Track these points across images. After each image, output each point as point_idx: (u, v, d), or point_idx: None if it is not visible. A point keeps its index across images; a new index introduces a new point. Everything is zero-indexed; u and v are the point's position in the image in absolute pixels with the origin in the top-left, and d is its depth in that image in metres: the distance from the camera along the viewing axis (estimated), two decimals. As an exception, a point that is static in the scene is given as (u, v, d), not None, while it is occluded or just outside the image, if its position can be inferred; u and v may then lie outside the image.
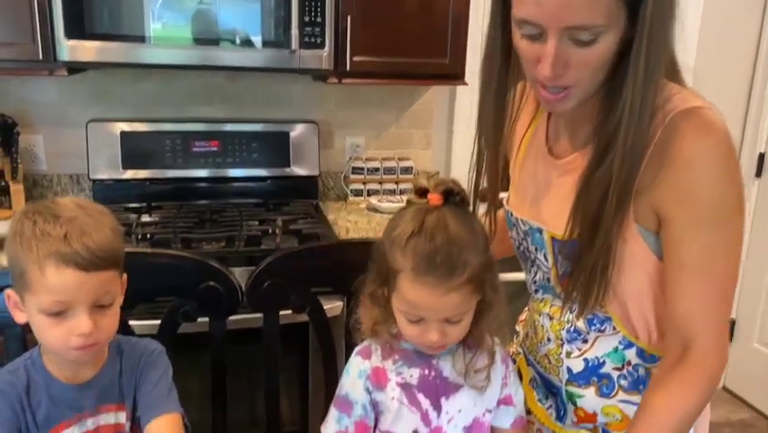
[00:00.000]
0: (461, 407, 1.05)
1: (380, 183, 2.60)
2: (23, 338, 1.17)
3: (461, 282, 0.94)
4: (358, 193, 2.59)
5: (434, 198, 0.97)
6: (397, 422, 1.04)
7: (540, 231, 1.07)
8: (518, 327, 1.28)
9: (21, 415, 0.98)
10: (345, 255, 1.36)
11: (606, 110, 0.92)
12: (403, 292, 0.96)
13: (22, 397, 0.99)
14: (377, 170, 2.59)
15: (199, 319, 1.31)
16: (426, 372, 1.04)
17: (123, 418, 1.05)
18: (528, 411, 1.20)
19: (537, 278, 1.14)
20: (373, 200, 2.50)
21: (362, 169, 2.58)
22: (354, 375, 1.06)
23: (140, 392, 1.05)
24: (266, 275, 1.33)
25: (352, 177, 2.59)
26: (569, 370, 1.09)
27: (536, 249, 1.10)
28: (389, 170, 2.60)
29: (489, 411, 1.07)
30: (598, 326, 1.05)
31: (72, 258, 0.91)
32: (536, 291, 1.16)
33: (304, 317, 1.78)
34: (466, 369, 1.04)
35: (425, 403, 1.04)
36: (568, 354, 1.09)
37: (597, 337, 1.06)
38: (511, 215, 1.15)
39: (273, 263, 1.34)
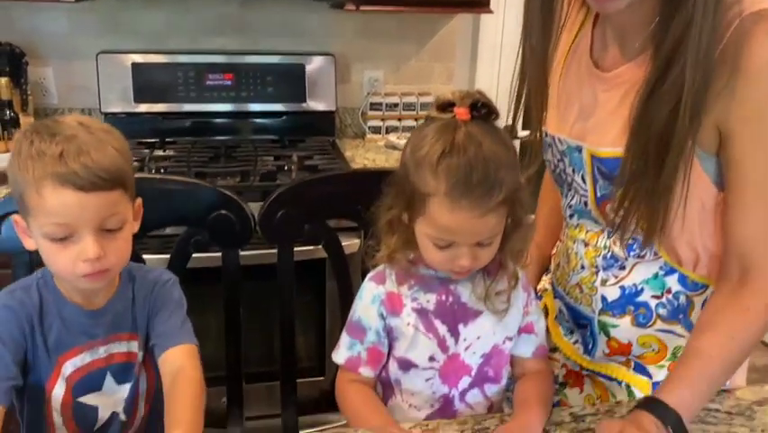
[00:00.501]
0: (480, 333, 1.00)
1: (399, 120, 2.51)
2: (31, 267, 1.14)
3: (498, 202, 0.88)
4: (376, 130, 2.51)
5: (462, 113, 0.89)
6: (413, 349, 1.00)
7: (579, 150, 1.00)
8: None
9: (30, 337, 0.95)
10: (362, 185, 1.28)
11: (666, 12, 0.84)
12: (434, 217, 0.90)
13: (33, 317, 0.95)
14: (396, 105, 2.50)
15: (212, 255, 1.27)
16: (444, 297, 0.99)
17: (135, 347, 1.02)
18: (553, 349, 1.16)
19: (573, 202, 1.08)
20: (392, 137, 2.42)
21: (381, 104, 2.49)
22: (367, 301, 1.01)
23: (153, 323, 1.02)
24: (279, 205, 1.27)
25: (370, 113, 2.50)
26: (603, 298, 1.04)
27: (574, 170, 1.04)
28: (409, 106, 2.50)
29: (510, 339, 1.03)
30: (637, 251, 0.99)
31: (69, 178, 0.85)
32: (571, 217, 1.10)
33: (320, 254, 1.76)
34: (486, 293, 0.99)
35: (442, 329, 0.99)
36: (603, 282, 1.04)
37: (635, 264, 1.01)
38: (546, 134, 1.08)
39: (286, 192, 1.28)
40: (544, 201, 1.27)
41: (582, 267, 1.07)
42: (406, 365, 1.01)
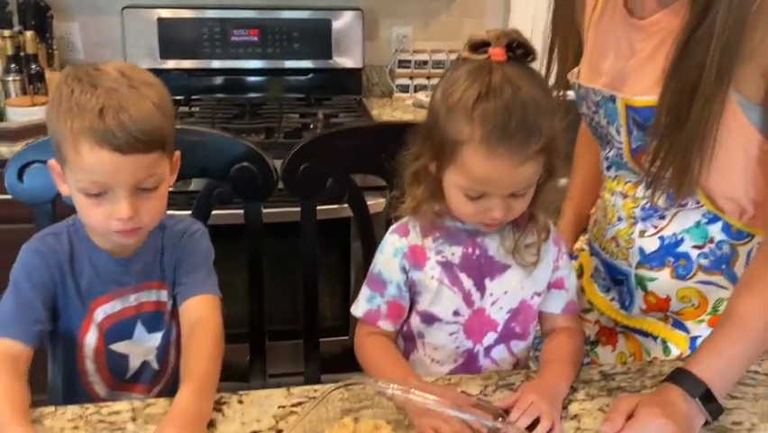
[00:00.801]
0: (508, 288, 0.97)
1: (428, 78, 2.44)
2: (54, 219, 1.13)
3: (537, 151, 0.84)
4: (404, 89, 2.45)
5: (498, 53, 0.83)
6: (437, 303, 0.97)
7: (613, 100, 0.96)
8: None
9: (60, 283, 0.94)
10: (388, 138, 1.24)
11: None
12: (468, 166, 0.85)
13: (63, 263, 0.95)
14: (425, 63, 2.43)
15: (235, 211, 1.25)
16: (470, 250, 0.96)
17: (164, 296, 1.01)
18: (585, 310, 1.12)
19: (610, 154, 1.04)
20: (420, 96, 2.36)
21: (409, 62, 2.43)
22: (389, 254, 0.98)
23: (179, 271, 1.01)
24: (302, 158, 1.24)
25: (398, 71, 2.44)
26: (641, 251, 1.00)
27: (608, 122, 0.99)
28: (438, 64, 2.43)
29: (538, 294, 0.99)
30: (678, 200, 0.94)
31: (107, 138, 0.83)
32: (609, 168, 1.06)
33: (345, 213, 1.74)
34: (515, 246, 0.95)
35: (468, 283, 0.96)
36: (641, 234, 1.00)
37: (676, 213, 0.96)
38: (579, 86, 1.03)
39: (310, 145, 1.26)
40: (581, 160, 1.23)
41: (619, 219, 1.03)
42: (430, 319, 0.99)
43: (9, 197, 1.14)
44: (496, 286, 0.97)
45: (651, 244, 0.99)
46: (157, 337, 1.02)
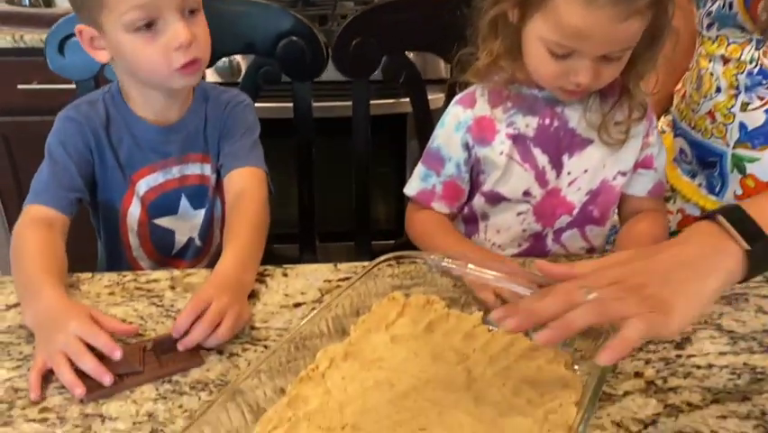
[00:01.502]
0: (588, 166, 0.86)
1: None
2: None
3: (646, 5, 0.72)
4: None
5: None
6: (505, 181, 0.87)
7: None
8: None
9: (96, 151, 0.89)
10: (449, 12, 1.12)
11: None
12: (560, 14, 0.73)
13: (99, 131, 0.89)
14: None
15: (282, 105, 1.16)
16: (547, 121, 0.84)
17: (208, 169, 0.96)
18: (665, 198, 1.00)
19: (714, 8, 0.89)
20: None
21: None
22: (451, 128, 0.88)
23: (223, 143, 0.95)
24: (353, 33, 1.14)
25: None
26: (741, 127, 0.88)
27: None
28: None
29: (623, 175, 0.87)
30: None
31: None
32: (709, 27, 0.91)
33: (401, 107, 1.64)
34: (603, 122, 0.83)
35: (542, 160, 0.85)
36: (743, 107, 0.87)
37: None
38: None
39: (361, 18, 1.15)
40: None
41: (718, 90, 0.89)
42: (496, 199, 0.89)
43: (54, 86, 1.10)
44: (575, 164, 0.86)
45: (755, 119, 0.86)
46: (201, 213, 0.97)
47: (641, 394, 0.64)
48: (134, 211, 0.94)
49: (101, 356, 0.65)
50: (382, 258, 0.75)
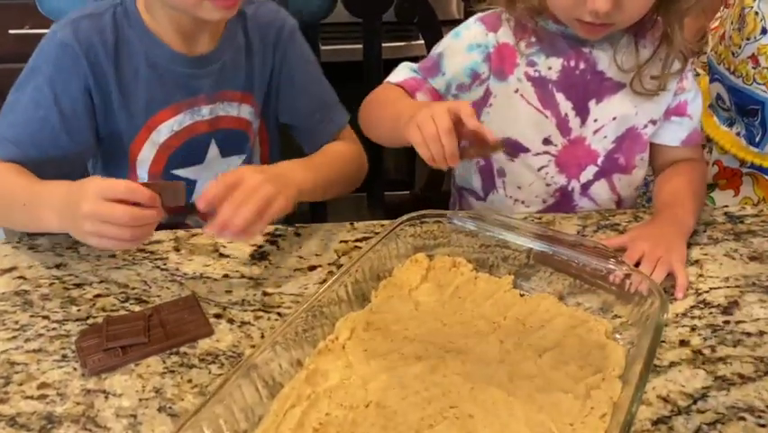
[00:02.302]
0: (618, 114, 0.78)
1: None
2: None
3: None
4: None
5: None
6: (521, 128, 0.79)
7: None
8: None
9: (98, 92, 0.72)
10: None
11: None
12: None
13: (102, 62, 0.71)
14: None
15: None
16: (572, 63, 0.77)
17: (248, 112, 0.81)
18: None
19: None
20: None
21: None
22: (463, 44, 0.78)
23: (290, 99, 0.83)
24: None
25: None
26: None
27: None
28: None
29: (654, 123, 0.80)
30: None
31: None
32: None
33: (414, 50, 1.55)
34: (638, 72, 0.75)
35: (565, 106, 0.78)
36: None
37: None
38: None
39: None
40: None
41: (763, 31, 0.82)
42: (513, 149, 0.81)
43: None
44: (602, 111, 0.79)
45: None
46: (234, 163, 0.82)
47: (688, 365, 0.59)
48: (145, 157, 0.78)
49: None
50: (405, 218, 0.69)
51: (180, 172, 0.80)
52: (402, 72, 0.81)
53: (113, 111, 0.75)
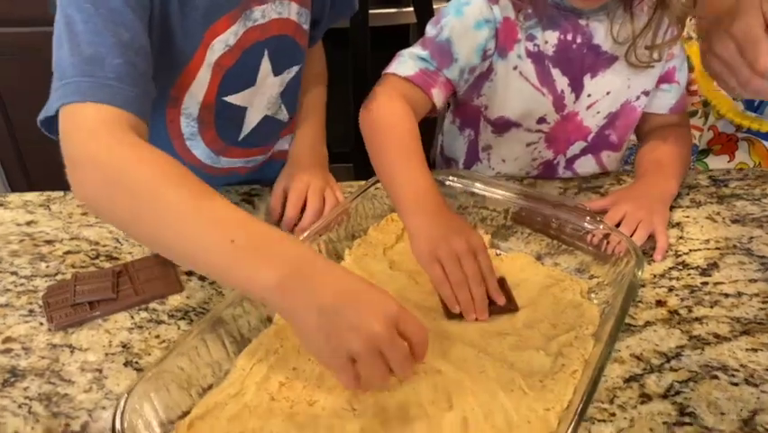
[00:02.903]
0: (612, 88, 0.76)
1: None
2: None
3: None
4: None
5: None
6: (517, 106, 0.76)
7: None
8: None
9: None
10: None
11: None
12: None
13: None
14: None
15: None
16: (569, 37, 0.73)
17: (297, 12, 0.71)
18: (692, 113, 0.92)
19: None
20: None
21: None
22: (469, 22, 0.72)
23: None
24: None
25: None
26: None
27: None
28: None
29: (646, 94, 0.78)
30: None
31: None
32: None
33: (404, 18, 1.53)
34: (633, 43, 0.73)
35: (562, 82, 0.75)
36: None
37: None
38: None
39: None
40: None
41: None
42: (504, 127, 0.79)
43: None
44: (596, 85, 0.76)
45: None
46: (285, 79, 0.74)
47: (663, 325, 0.58)
48: (201, 83, 0.66)
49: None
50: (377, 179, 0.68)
51: (232, 99, 0.70)
52: (409, 64, 0.72)
53: (169, 20, 0.61)
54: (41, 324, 0.58)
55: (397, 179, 0.63)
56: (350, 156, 1.24)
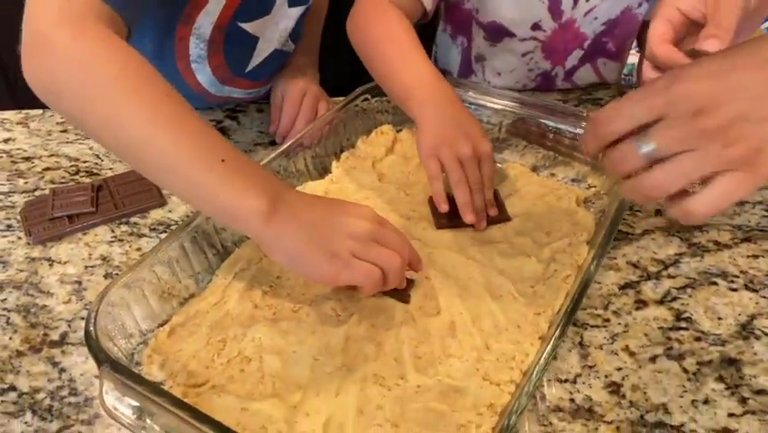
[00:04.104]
0: None
1: None
2: None
3: None
4: None
5: None
6: (511, 11, 0.73)
7: None
8: None
9: None
10: None
11: None
12: None
13: None
14: None
15: None
16: None
17: None
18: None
19: None
20: None
21: None
22: None
23: None
24: None
25: None
26: None
27: None
28: None
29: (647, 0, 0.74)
30: None
31: None
32: None
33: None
34: None
35: None
36: None
37: None
38: None
39: None
40: None
41: None
42: (497, 35, 0.76)
43: None
44: None
45: None
46: (294, 15, 0.70)
47: (662, 233, 0.56)
48: (217, 4, 0.63)
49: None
50: (368, 86, 0.65)
51: (246, 26, 0.67)
52: None
53: None
54: (20, 238, 0.56)
55: (398, 73, 0.59)
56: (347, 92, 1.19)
